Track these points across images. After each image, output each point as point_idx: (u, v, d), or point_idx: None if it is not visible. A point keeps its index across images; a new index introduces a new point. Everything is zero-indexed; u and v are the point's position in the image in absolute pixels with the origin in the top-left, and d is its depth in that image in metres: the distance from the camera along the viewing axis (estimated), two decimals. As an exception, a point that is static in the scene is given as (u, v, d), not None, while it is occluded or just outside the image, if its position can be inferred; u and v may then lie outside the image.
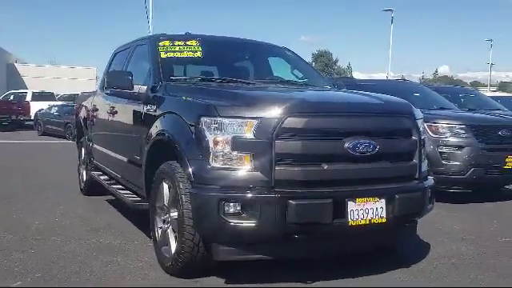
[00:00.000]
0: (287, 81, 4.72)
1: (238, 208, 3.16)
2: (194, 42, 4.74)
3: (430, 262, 4.07)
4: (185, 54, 4.63)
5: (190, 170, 3.33)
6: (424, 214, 3.76)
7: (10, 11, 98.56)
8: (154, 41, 4.76)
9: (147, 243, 4.45)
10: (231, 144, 3.22)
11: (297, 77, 4.96)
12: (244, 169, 3.21)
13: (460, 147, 6.59)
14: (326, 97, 3.94)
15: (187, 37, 4.90)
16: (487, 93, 20.65)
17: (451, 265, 4.03)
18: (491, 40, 53.84)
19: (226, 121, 3.24)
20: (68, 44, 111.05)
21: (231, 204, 3.16)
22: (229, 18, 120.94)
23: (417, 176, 3.71)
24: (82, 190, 6.93)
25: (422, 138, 3.80)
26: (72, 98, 24.90)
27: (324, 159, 3.30)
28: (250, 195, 3.17)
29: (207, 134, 3.27)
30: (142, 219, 5.11)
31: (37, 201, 6.37)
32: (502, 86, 75.45)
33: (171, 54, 4.58)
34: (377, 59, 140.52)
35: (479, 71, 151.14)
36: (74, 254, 4.18)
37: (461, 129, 6.67)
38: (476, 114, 7.58)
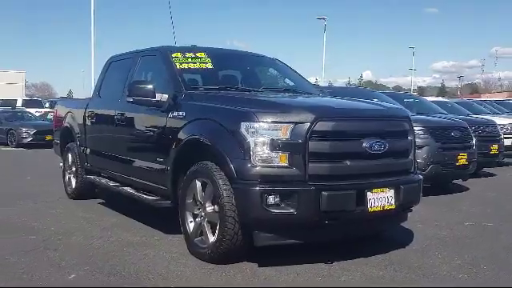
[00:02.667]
0: (291, 89, 5.29)
1: (278, 199, 3.70)
2: (202, 54, 5.20)
3: (420, 243, 4.79)
4: (197, 65, 5.08)
5: (233, 168, 3.81)
6: (419, 201, 4.48)
7: None
8: (166, 52, 5.15)
9: (166, 238, 4.84)
10: (270, 145, 3.75)
11: (295, 85, 5.54)
12: (281, 166, 3.75)
13: (420, 147, 7.47)
14: (346, 104, 4.55)
15: (195, 49, 5.34)
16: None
17: (438, 244, 4.78)
18: (413, 47, 57.55)
19: (265, 125, 3.78)
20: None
21: (272, 196, 3.70)
22: (163, 21, 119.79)
23: (412, 170, 4.44)
24: (69, 194, 7.06)
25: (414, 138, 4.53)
26: (10, 103, 24.04)
27: (347, 156, 3.93)
28: (288, 188, 3.73)
29: (248, 136, 3.78)
30: (147, 217, 5.50)
31: (29, 206, 6.44)
32: (420, 91, 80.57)
33: (185, 65, 5.01)
34: (307, 64, 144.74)
35: (400, 76, 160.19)
36: (105, 249, 4.47)
37: (420, 130, 7.56)
38: (432, 118, 8.59)
